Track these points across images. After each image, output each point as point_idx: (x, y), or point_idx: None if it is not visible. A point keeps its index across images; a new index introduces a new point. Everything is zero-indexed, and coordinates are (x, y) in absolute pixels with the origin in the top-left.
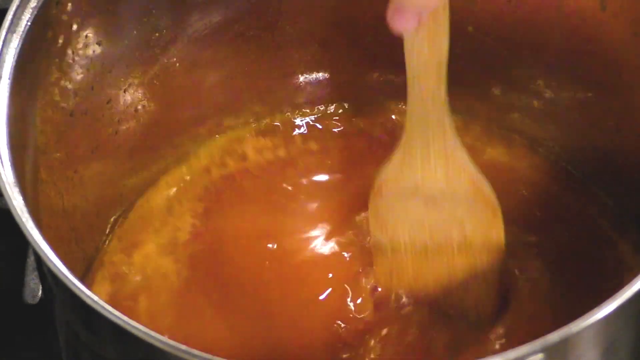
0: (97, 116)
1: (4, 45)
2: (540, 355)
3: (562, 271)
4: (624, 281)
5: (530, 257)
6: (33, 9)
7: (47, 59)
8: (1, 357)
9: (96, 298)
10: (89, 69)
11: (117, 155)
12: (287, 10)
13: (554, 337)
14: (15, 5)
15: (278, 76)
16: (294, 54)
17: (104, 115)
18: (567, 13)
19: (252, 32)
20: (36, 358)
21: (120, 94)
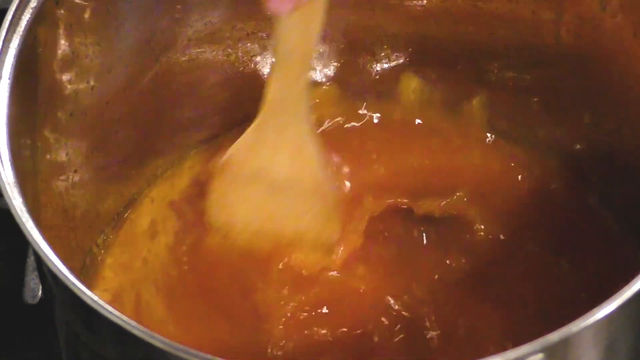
0: (97, 116)
1: (4, 45)
2: (540, 355)
3: (563, 270)
4: (627, 280)
5: (530, 256)
6: (33, 9)
7: (47, 59)
8: (1, 357)
9: (96, 298)
10: (89, 69)
11: (117, 155)
12: None
13: (554, 337)
14: (15, 5)
15: None
16: None
17: (104, 115)
18: (567, 13)
19: (252, 32)
20: (36, 358)
21: (120, 94)
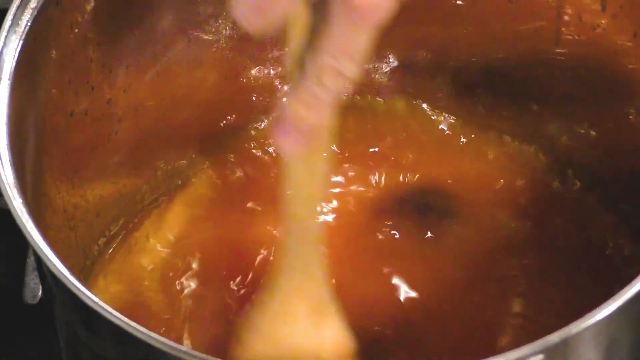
0: (97, 116)
1: (4, 45)
2: (541, 356)
3: (562, 271)
4: (625, 281)
5: (529, 257)
6: (33, 9)
7: (47, 59)
8: (1, 357)
9: (96, 298)
10: (89, 68)
11: (117, 155)
12: None
13: (554, 337)
14: (15, 5)
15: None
16: None
17: (104, 115)
18: (566, 13)
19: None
20: (36, 358)
21: (120, 94)
